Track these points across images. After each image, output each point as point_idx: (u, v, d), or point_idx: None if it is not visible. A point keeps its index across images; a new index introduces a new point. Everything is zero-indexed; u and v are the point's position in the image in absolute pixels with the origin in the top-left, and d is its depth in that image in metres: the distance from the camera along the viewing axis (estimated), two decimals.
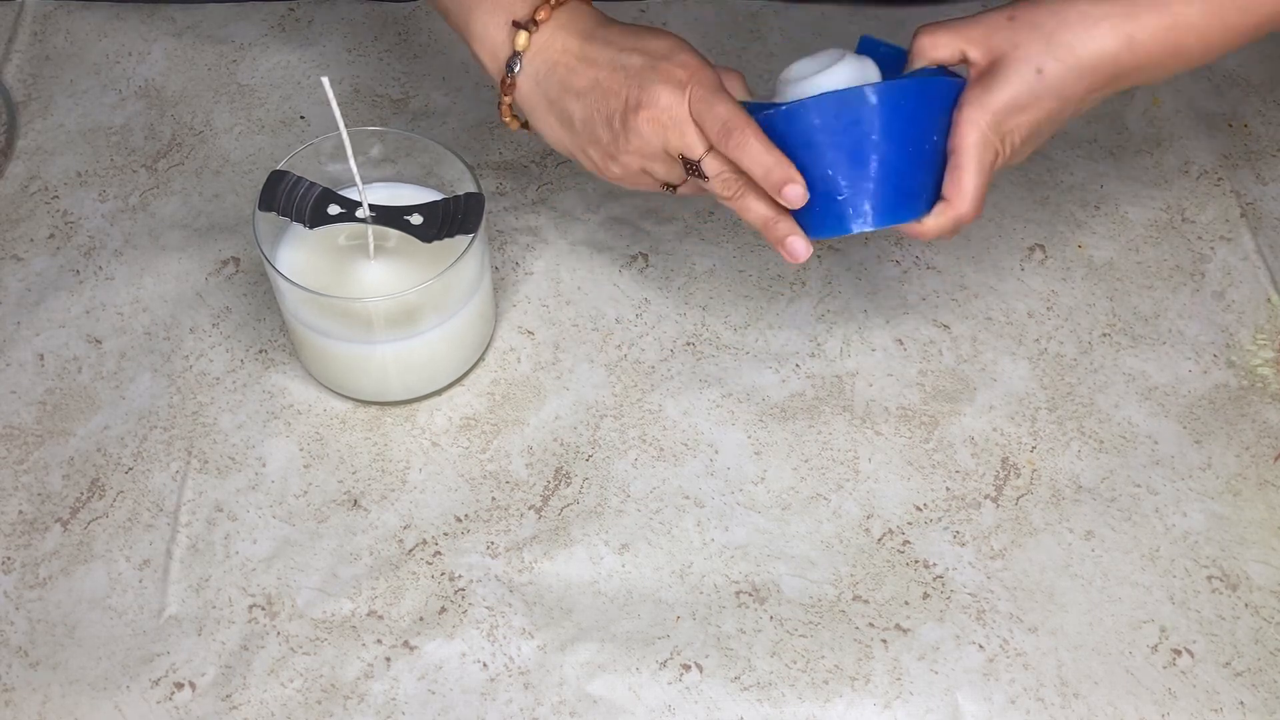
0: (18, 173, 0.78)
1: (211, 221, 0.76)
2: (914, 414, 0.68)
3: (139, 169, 0.78)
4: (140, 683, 0.59)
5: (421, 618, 0.61)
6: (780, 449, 0.67)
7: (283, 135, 0.80)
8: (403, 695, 0.59)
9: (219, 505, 0.65)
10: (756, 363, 0.70)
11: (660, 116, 0.57)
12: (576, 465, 0.66)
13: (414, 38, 0.85)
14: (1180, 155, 0.79)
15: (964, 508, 0.65)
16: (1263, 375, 0.70)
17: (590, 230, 0.75)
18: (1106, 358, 0.70)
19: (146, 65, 0.83)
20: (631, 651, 0.60)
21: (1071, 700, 0.59)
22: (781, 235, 0.58)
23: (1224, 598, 0.62)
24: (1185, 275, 0.74)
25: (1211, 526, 0.64)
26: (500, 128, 0.80)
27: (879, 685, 0.59)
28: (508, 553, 0.63)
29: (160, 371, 0.69)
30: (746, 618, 0.61)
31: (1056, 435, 0.67)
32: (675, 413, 0.68)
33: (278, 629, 0.61)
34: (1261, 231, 0.76)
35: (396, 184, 0.68)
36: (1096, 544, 0.64)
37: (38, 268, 0.74)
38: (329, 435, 0.67)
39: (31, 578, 0.62)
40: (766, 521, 0.64)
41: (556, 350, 0.71)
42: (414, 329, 0.64)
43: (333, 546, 0.63)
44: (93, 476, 0.66)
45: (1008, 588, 0.62)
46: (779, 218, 0.58)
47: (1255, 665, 0.60)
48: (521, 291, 0.73)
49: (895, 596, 0.62)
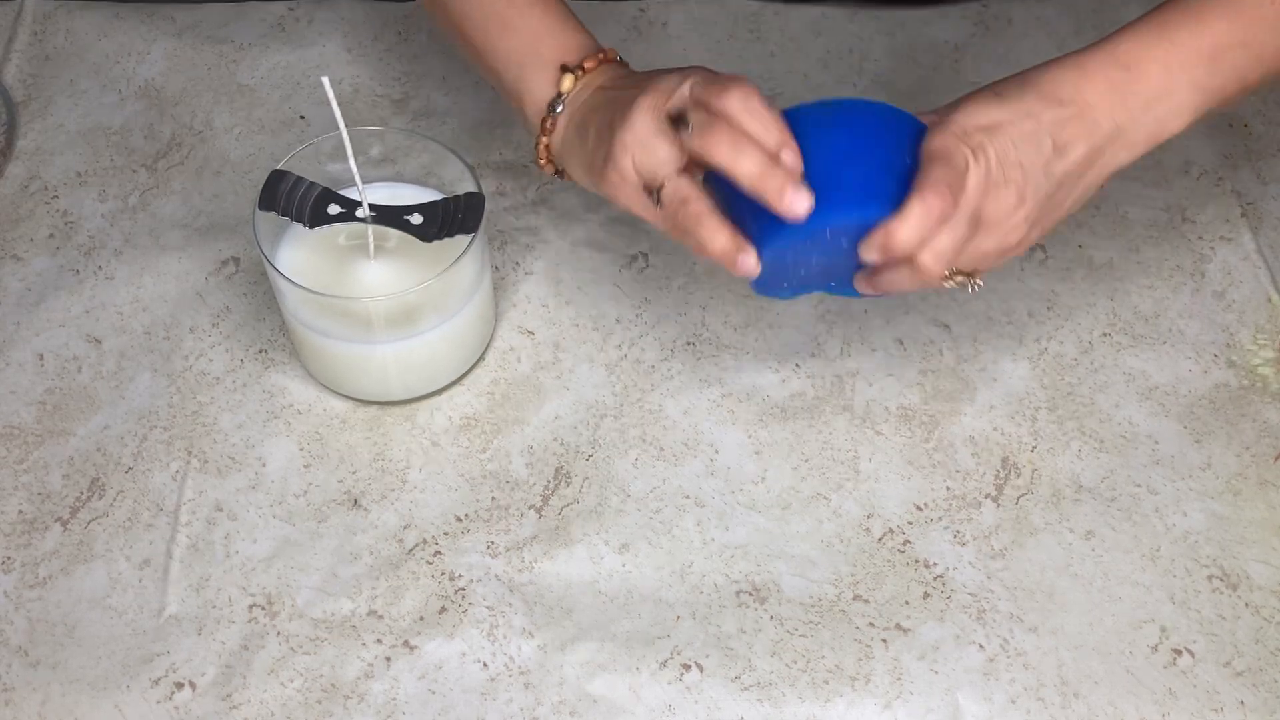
0: (17, 173, 0.78)
1: (211, 221, 0.76)
2: (914, 414, 0.68)
3: (139, 169, 0.78)
4: (140, 682, 0.59)
5: (422, 617, 0.61)
6: (780, 449, 0.67)
7: (283, 135, 0.80)
8: (403, 695, 0.59)
9: (219, 505, 0.65)
10: (757, 362, 0.70)
11: (625, 137, 0.56)
12: (577, 465, 0.66)
13: (414, 38, 0.85)
14: (1180, 155, 0.79)
15: (964, 507, 0.65)
16: (1263, 375, 0.70)
17: (590, 230, 0.75)
18: (1107, 357, 0.70)
19: (146, 65, 0.83)
20: (632, 651, 0.60)
21: (1072, 700, 0.59)
22: (779, 184, 0.54)
23: (1224, 597, 0.62)
24: (1186, 275, 0.74)
25: (1212, 526, 0.64)
26: (501, 127, 0.80)
27: (879, 685, 0.59)
28: (508, 552, 0.63)
29: (160, 371, 0.69)
30: (747, 617, 0.61)
31: (1057, 435, 0.67)
32: (675, 412, 0.68)
33: (278, 629, 0.61)
34: (1262, 231, 0.76)
35: (396, 184, 0.68)
36: (1097, 544, 0.64)
37: (38, 267, 0.74)
38: (329, 435, 0.67)
39: (31, 577, 0.62)
40: (767, 521, 0.64)
41: (557, 350, 0.71)
42: (414, 329, 0.64)
43: (333, 546, 0.63)
44: (93, 476, 0.66)
45: (1008, 587, 0.62)
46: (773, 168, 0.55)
47: (1256, 665, 0.60)
48: (521, 291, 0.73)
49: (895, 596, 0.62)
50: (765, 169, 0.54)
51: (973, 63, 0.84)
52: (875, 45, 0.85)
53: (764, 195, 0.54)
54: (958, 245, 0.55)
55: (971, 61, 0.84)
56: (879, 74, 0.83)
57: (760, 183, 0.54)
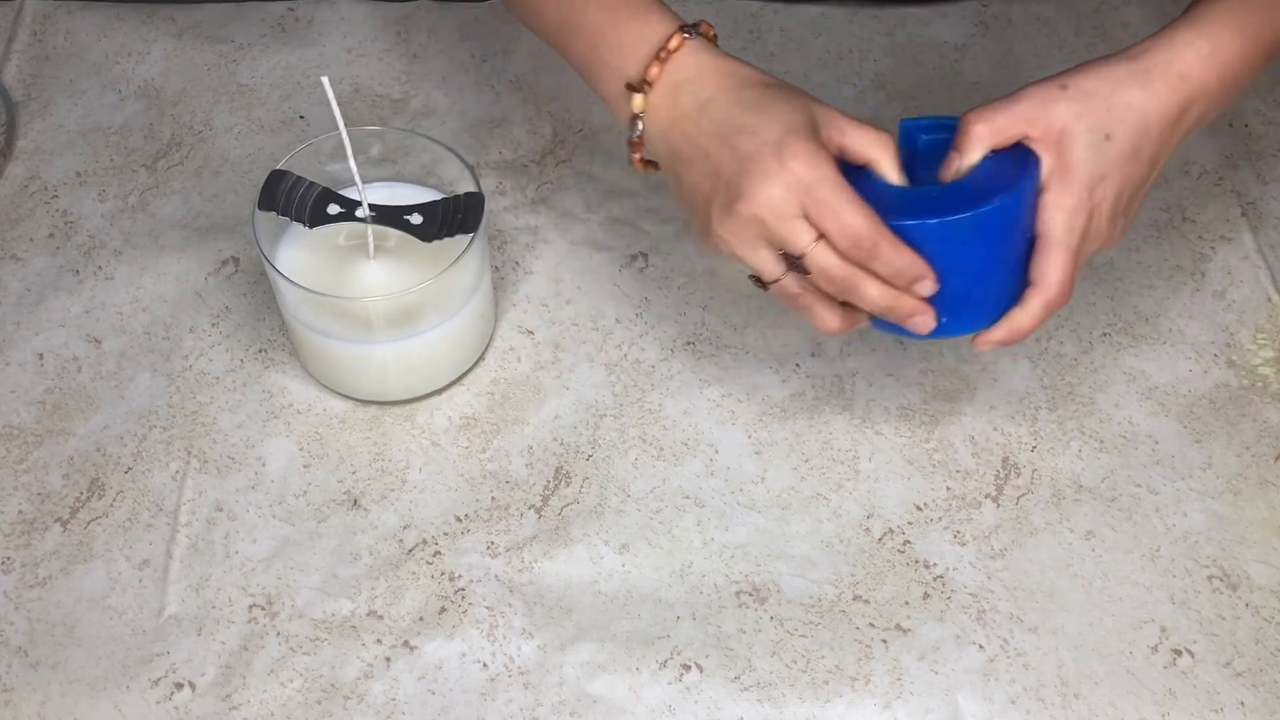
0: (17, 173, 0.78)
1: (211, 221, 0.76)
2: (914, 413, 0.68)
3: (139, 169, 0.78)
4: (140, 682, 0.59)
5: (421, 617, 0.61)
6: (780, 449, 0.67)
7: (282, 135, 0.80)
8: (402, 695, 0.59)
9: (219, 505, 0.64)
10: (757, 362, 0.70)
11: (760, 212, 0.53)
12: (576, 465, 0.66)
13: (414, 37, 0.85)
14: (1180, 155, 0.79)
15: (964, 507, 0.65)
16: (1263, 375, 0.70)
17: (590, 230, 0.75)
18: (1107, 357, 0.70)
19: (146, 65, 0.83)
20: (631, 651, 0.60)
21: (1072, 700, 0.59)
22: (909, 311, 0.56)
23: (1224, 597, 0.62)
24: (1186, 275, 0.74)
25: (1212, 526, 0.64)
26: (500, 127, 0.80)
27: (879, 685, 0.59)
28: (508, 552, 0.63)
29: (160, 371, 0.69)
30: (746, 617, 0.61)
31: (1057, 435, 0.67)
32: (675, 412, 0.68)
33: (277, 629, 0.61)
34: (1262, 231, 0.76)
35: (396, 184, 0.68)
36: (1097, 544, 0.64)
37: (37, 267, 0.74)
38: (329, 435, 0.67)
39: (31, 577, 0.62)
40: (767, 521, 0.64)
41: (556, 350, 0.70)
42: (414, 329, 0.64)
43: (332, 546, 0.63)
44: (92, 476, 0.66)
45: (1008, 587, 0.62)
46: (901, 295, 0.56)
47: (1256, 665, 0.60)
48: (521, 291, 0.73)
49: (895, 596, 0.62)
50: (895, 300, 0.55)
51: (973, 63, 0.84)
52: (875, 45, 0.85)
53: (892, 316, 0.56)
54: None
55: (971, 61, 0.84)
56: (879, 74, 0.83)
57: (890, 307, 0.56)
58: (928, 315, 0.56)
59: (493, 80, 0.83)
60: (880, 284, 0.55)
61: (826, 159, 0.54)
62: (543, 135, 0.80)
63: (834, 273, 0.55)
